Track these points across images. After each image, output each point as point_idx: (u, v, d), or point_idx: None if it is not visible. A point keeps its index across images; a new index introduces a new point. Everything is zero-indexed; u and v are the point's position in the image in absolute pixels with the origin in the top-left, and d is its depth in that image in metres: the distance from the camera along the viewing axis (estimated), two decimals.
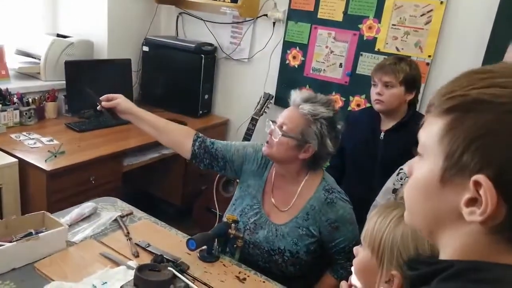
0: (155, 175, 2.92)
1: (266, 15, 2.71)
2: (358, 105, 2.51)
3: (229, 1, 2.62)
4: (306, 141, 1.38)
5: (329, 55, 2.56)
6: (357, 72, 2.48)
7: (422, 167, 0.55)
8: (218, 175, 2.67)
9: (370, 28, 2.41)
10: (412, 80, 1.78)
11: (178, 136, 1.57)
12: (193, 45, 2.79)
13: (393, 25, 2.35)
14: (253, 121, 2.63)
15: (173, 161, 2.78)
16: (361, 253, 0.90)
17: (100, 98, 1.53)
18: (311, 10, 2.55)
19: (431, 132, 0.53)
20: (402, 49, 2.34)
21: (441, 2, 2.20)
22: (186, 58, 2.83)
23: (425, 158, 0.55)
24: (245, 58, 2.90)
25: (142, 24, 2.98)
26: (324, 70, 2.60)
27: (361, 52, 2.45)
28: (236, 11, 2.75)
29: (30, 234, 1.31)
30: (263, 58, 2.82)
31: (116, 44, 2.81)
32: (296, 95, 1.42)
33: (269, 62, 2.79)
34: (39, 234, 1.28)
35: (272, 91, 2.74)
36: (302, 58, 2.65)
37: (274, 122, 1.45)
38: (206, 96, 2.95)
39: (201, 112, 2.94)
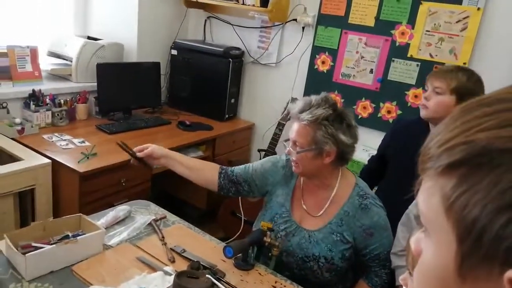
0: (181, 178, 2.92)
1: (295, 19, 2.69)
2: (389, 112, 2.47)
3: (258, 5, 2.62)
4: (322, 147, 1.36)
5: (360, 60, 2.53)
6: (388, 78, 2.44)
7: (430, 249, 0.40)
8: None
9: (403, 34, 2.37)
10: (467, 92, 1.56)
11: (207, 173, 1.63)
12: (221, 49, 2.79)
13: (427, 31, 2.30)
14: (280, 126, 2.61)
15: None
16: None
17: (134, 149, 1.55)
18: (342, 15, 2.53)
19: (431, 200, 0.38)
20: (436, 55, 2.30)
21: (478, 9, 2.15)
22: (214, 62, 2.83)
23: (431, 235, 0.39)
24: (272, 62, 2.89)
25: (171, 27, 3.00)
26: (354, 75, 2.56)
27: (393, 58, 2.42)
28: (265, 16, 2.74)
29: (67, 236, 1.32)
30: (291, 63, 2.81)
31: (145, 47, 2.84)
32: (292, 109, 1.42)
33: (297, 67, 2.77)
34: (78, 237, 1.28)
35: (300, 96, 2.72)
36: (331, 63, 2.63)
37: (287, 140, 1.45)
38: (233, 100, 2.95)
39: (227, 116, 2.94)
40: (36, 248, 1.22)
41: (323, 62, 2.66)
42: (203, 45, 2.90)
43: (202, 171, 1.62)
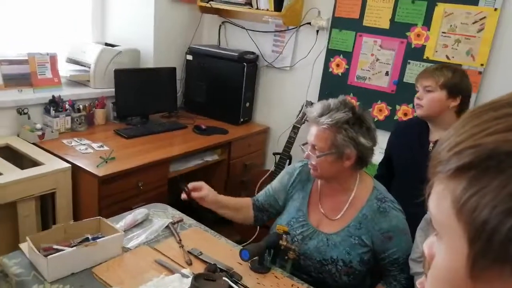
0: (197, 181, 2.95)
1: (309, 23, 2.70)
2: (405, 114, 2.45)
3: (272, 10, 2.63)
4: (342, 151, 1.36)
5: (375, 63, 2.51)
6: (404, 80, 2.43)
7: (442, 252, 0.40)
8: (259, 183, 2.67)
9: (418, 36, 2.35)
10: (454, 85, 1.71)
11: (245, 210, 1.66)
12: (236, 54, 2.81)
13: (443, 32, 2.28)
14: (295, 129, 2.61)
15: (216, 168, 2.81)
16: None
17: (188, 185, 1.54)
18: (356, 18, 2.52)
19: (442, 203, 0.39)
20: (453, 57, 2.27)
21: (495, 9, 2.12)
22: (229, 67, 2.85)
23: (443, 238, 0.40)
24: (287, 66, 2.90)
25: (186, 33, 3.04)
26: (369, 78, 2.55)
27: (408, 60, 2.40)
28: (279, 20, 2.75)
29: (86, 239, 1.34)
30: (305, 66, 2.81)
31: (161, 53, 2.88)
32: (310, 113, 1.42)
33: (311, 70, 2.77)
34: (97, 240, 1.31)
35: (314, 99, 2.72)
36: (346, 66, 2.62)
37: (305, 144, 1.46)
38: (247, 104, 2.97)
39: (242, 120, 2.96)
40: (58, 250, 1.25)
41: (337, 65, 2.66)
42: (217, 50, 2.93)
43: (243, 210, 1.65)
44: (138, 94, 2.68)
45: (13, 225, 1.88)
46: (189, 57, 3.00)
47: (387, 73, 2.48)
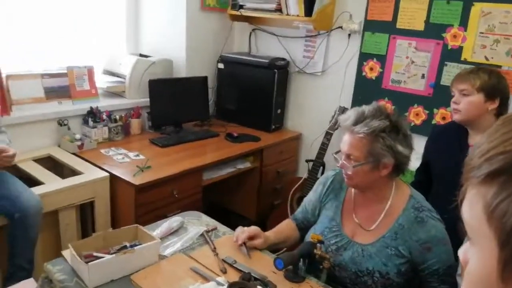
0: (230, 189, 2.97)
1: (341, 27, 2.67)
2: (444, 118, 2.36)
3: (303, 15, 2.62)
4: (379, 160, 1.32)
5: (410, 65, 2.45)
6: (441, 83, 2.35)
7: (474, 257, 0.41)
8: (292, 191, 2.65)
9: (455, 36, 2.27)
10: (492, 87, 1.66)
11: (294, 235, 1.64)
12: (266, 61, 2.82)
13: (480, 33, 2.19)
14: (328, 135, 2.58)
15: (248, 176, 2.81)
16: None
17: (244, 235, 1.50)
18: (389, 20, 2.47)
19: (474, 208, 0.40)
20: (492, 58, 2.18)
21: None
22: (259, 74, 2.86)
23: (476, 243, 0.41)
24: (318, 71, 2.87)
25: (217, 42, 3.08)
26: (404, 81, 2.49)
27: (445, 62, 2.32)
28: (309, 25, 2.74)
29: (125, 247, 1.37)
30: (337, 71, 2.78)
31: (193, 63, 2.93)
32: (344, 121, 1.38)
33: (344, 75, 2.74)
34: (135, 247, 1.33)
35: (348, 104, 2.68)
36: (380, 70, 2.57)
37: (337, 152, 1.42)
38: (279, 111, 2.96)
39: (273, 126, 2.95)
40: (98, 257, 1.28)
41: (371, 69, 2.61)
42: (248, 57, 2.95)
43: (290, 237, 1.63)
44: (172, 104, 2.73)
45: (55, 233, 1.96)
46: (221, 66, 3.03)
47: (423, 76, 2.41)
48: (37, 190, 1.82)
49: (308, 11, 2.58)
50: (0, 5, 2.28)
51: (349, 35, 2.65)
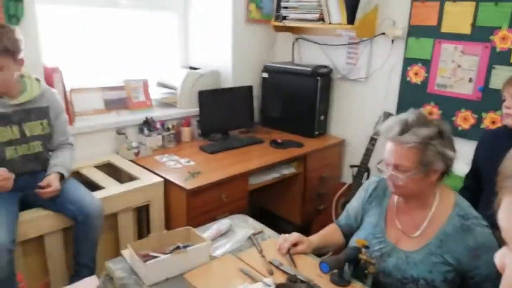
0: (275, 193, 3.04)
1: (384, 33, 2.67)
2: (493, 122, 2.30)
3: (345, 23, 2.66)
4: (430, 167, 1.32)
5: (456, 69, 2.41)
6: (490, 86, 2.29)
7: None
8: (336, 196, 2.67)
9: (503, 39, 2.21)
10: None
11: (339, 240, 1.66)
12: (309, 69, 2.87)
13: None
14: (372, 141, 2.58)
15: (293, 181, 2.87)
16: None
17: (287, 244, 1.54)
18: (434, 24, 2.44)
19: (510, 215, 0.41)
20: None
21: None
22: (303, 82, 2.92)
23: None
24: (362, 77, 2.89)
25: (261, 52, 3.19)
26: (451, 85, 2.45)
27: (493, 65, 2.26)
28: (352, 32, 2.76)
29: (178, 247, 1.47)
30: (381, 77, 2.78)
31: (239, 73, 3.05)
32: (387, 131, 1.36)
33: (388, 80, 2.73)
34: (187, 248, 1.43)
35: (392, 110, 2.67)
36: (425, 74, 2.54)
37: (380, 163, 1.41)
38: (322, 117, 3.00)
39: (317, 132, 2.99)
40: (154, 257, 1.38)
41: (416, 74, 2.59)
42: (291, 66, 3.02)
43: (334, 242, 1.65)
44: (219, 112, 2.86)
45: (115, 234, 2.12)
46: (265, 75, 3.13)
47: (470, 80, 2.36)
48: (98, 194, 1.99)
49: (351, 19, 2.61)
50: (65, 27, 2.51)
51: (393, 41, 2.65)
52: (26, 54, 1.81)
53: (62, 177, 1.89)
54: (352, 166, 2.72)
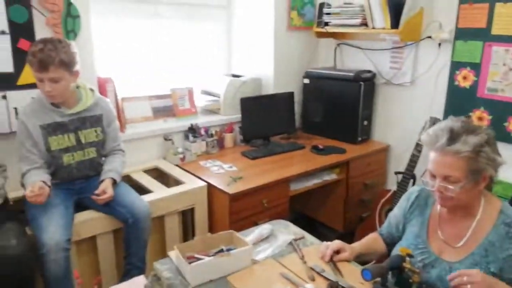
0: (317, 199, 3.04)
1: (430, 37, 2.60)
2: None
3: (389, 27, 2.62)
4: (480, 175, 1.28)
5: (508, 73, 2.30)
6: None
7: None
8: (381, 203, 2.62)
9: None
10: None
11: (381, 248, 1.65)
12: (352, 74, 2.85)
13: None
14: (418, 147, 2.51)
15: (335, 187, 2.85)
16: None
17: (329, 251, 1.54)
18: (483, 27, 2.35)
19: None
20: None
21: None
22: (345, 87, 2.90)
23: None
24: (407, 82, 2.82)
25: (303, 58, 3.21)
26: (502, 89, 2.34)
27: None
28: (396, 37, 2.72)
29: (221, 250, 1.51)
30: (427, 81, 2.71)
31: (280, 79, 3.09)
32: (432, 142, 1.31)
33: (434, 85, 2.66)
34: (231, 251, 1.48)
35: (439, 115, 2.59)
36: (474, 78, 2.44)
37: (423, 174, 1.38)
38: (365, 122, 2.96)
39: (360, 138, 2.96)
40: (198, 259, 1.43)
41: (464, 78, 2.50)
42: (333, 72, 3.01)
43: (377, 251, 1.64)
44: (261, 118, 2.91)
45: (161, 236, 2.21)
46: (306, 81, 3.14)
47: None
48: (146, 198, 2.08)
49: (395, 23, 2.57)
50: (116, 39, 2.67)
51: (439, 44, 2.58)
52: (82, 66, 1.95)
53: (114, 182, 2.00)
54: (396, 173, 2.66)
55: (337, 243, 1.54)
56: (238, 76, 3.04)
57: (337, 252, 1.53)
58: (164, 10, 2.79)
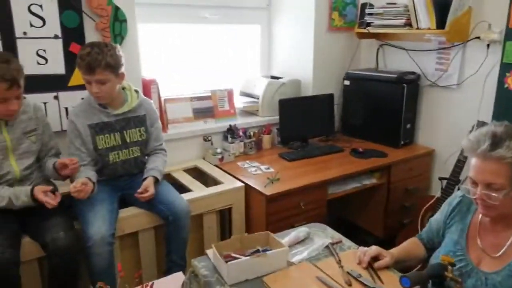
0: (356, 204, 2.99)
1: (478, 37, 2.49)
2: None
3: (434, 28, 2.53)
4: None
5: None
6: None
7: None
8: (423, 210, 2.54)
9: None
10: None
11: (421, 254, 1.61)
12: (395, 75, 2.78)
13: None
14: (464, 152, 2.41)
15: (374, 192, 2.79)
16: None
17: (367, 257, 1.51)
18: None
19: None
20: None
21: None
22: (387, 89, 2.83)
23: None
24: (453, 84, 2.71)
25: (344, 60, 3.16)
26: None
27: None
28: (442, 37, 2.62)
29: (257, 250, 1.53)
30: (475, 83, 2.59)
31: (319, 81, 3.07)
32: (474, 147, 1.25)
33: (482, 88, 2.54)
34: (267, 252, 1.48)
35: (487, 119, 2.47)
36: None
37: (465, 181, 1.32)
38: (408, 126, 2.88)
39: (402, 142, 2.88)
40: (235, 258, 1.45)
41: None
42: (375, 73, 2.95)
43: (417, 257, 1.60)
44: (299, 120, 2.90)
45: (200, 234, 2.26)
46: (347, 82, 3.09)
47: None
48: (186, 196, 2.14)
49: (441, 23, 2.48)
50: (159, 42, 2.76)
51: (488, 45, 2.45)
52: (128, 68, 2.04)
53: (156, 180, 2.07)
54: (441, 179, 2.56)
55: (375, 249, 1.51)
56: (277, 78, 3.05)
57: (375, 258, 1.50)
58: (205, 13, 2.86)
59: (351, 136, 3.10)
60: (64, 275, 1.75)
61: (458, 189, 2.42)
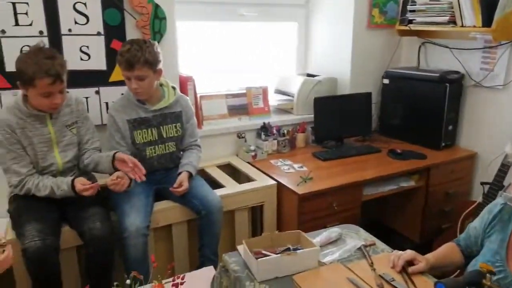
0: (392, 206, 2.91)
1: None
2: None
3: (480, 26, 2.41)
4: None
5: None
6: None
7: None
8: (463, 215, 2.43)
9: None
10: None
11: (459, 260, 1.55)
12: (437, 74, 2.68)
13: None
14: (509, 157, 2.28)
15: (412, 195, 2.71)
16: None
17: (401, 261, 1.47)
18: None
19: None
20: None
21: None
22: (429, 88, 2.73)
23: None
24: (499, 85, 2.58)
25: (383, 58, 3.08)
26: None
27: None
28: (488, 36, 2.49)
29: (288, 249, 1.52)
30: None
31: (357, 79, 3.00)
32: None
33: None
34: (297, 251, 1.47)
35: None
36: None
37: (509, 188, 1.26)
38: (450, 127, 2.76)
39: (443, 144, 2.76)
40: (265, 255, 1.45)
41: None
42: (416, 72, 2.85)
43: (453, 261, 1.55)
44: (334, 119, 2.85)
45: (231, 230, 2.28)
46: (386, 81, 3.01)
47: None
48: (219, 192, 2.16)
49: (487, 21, 2.36)
50: (196, 39, 2.80)
51: None
52: (166, 65, 2.08)
53: (190, 175, 2.10)
54: (483, 183, 2.44)
55: (409, 253, 1.46)
56: (313, 76, 3.02)
57: (410, 262, 1.45)
58: (242, 10, 2.87)
59: (389, 137, 3.02)
60: (100, 264, 1.82)
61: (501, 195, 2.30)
